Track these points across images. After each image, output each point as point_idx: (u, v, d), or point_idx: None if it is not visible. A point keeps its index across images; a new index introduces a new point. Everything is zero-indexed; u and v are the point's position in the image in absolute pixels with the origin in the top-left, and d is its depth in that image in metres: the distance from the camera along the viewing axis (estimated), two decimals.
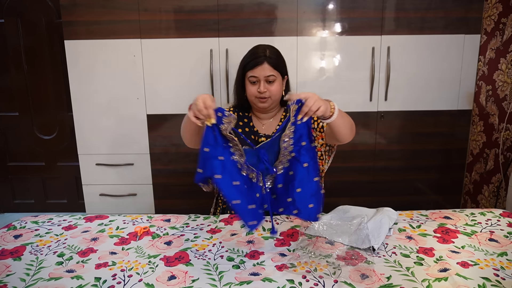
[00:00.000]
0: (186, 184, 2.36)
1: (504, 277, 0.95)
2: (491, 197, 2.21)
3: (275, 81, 1.37)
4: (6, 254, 1.11)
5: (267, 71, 1.34)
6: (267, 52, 1.36)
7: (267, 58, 1.34)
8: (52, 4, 2.59)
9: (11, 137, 2.87)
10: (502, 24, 2.07)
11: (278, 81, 1.38)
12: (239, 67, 1.42)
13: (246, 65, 1.37)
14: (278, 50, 1.42)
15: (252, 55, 1.37)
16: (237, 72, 1.45)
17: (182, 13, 2.14)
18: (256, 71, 1.35)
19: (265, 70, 1.34)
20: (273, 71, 1.36)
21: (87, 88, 2.24)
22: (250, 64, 1.35)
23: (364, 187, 2.38)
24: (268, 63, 1.34)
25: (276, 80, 1.37)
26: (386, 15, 2.15)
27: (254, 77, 1.36)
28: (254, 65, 1.34)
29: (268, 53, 1.36)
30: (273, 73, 1.35)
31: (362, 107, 2.26)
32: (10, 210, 3.00)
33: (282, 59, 1.42)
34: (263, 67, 1.34)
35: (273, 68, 1.35)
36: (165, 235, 1.24)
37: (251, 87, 1.38)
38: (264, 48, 1.38)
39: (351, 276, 0.96)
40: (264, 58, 1.34)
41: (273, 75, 1.36)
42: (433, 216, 1.35)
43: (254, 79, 1.36)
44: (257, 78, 1.36)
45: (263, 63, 1.34)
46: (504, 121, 2.07)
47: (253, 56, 1.36)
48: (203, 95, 1.04)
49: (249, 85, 1.39)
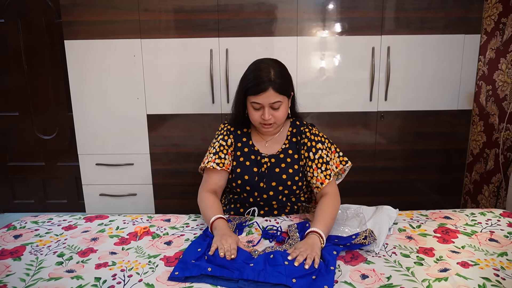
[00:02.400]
0: (186, 184, 2.36)
1: (504, 277, 0.95)
2: (491, 197, 2.21)
3: (280, 106, 1.24)
4: (6, 254, 1.11)
5: (272, 98, 1.21)
6: (272, 75, 1.21)
7: (272, 83, 1.20)
8: (52, 4, 2.59)
9: (11, 137, 2.87)
10: (502, 24, 2.07)
11: (284, 105, 1.26)
12: (240, 87, 1.29)
13: (248, 89, 1.23)
14: (283, 67, 1.28)
15: (256, 79, 1.21)
16: (237, 91, 1.31)
17: (182, 13, 2.14)
18: (260, 98, 1.21)
19: (270, 98, 1.21)
20: (279, 97, 1.22)
21: (87, 88, 2.24)
22: (253, 89, 1.21)
23: (364, 187, 2.38)
24: (274, 89, 1.20)
25: (282, 105, 1.24)
26: (386, 15, 2.15)
27: (257, 104, 1.23)
28: (258, 92, 1.20)
29: (272, 76, 1.21)
30: (278, 99, 1.22)
31: (362, 107, 2.26)
32: (10, 210, 3.00)
33: (288, 79, 1.28)
34: (268, 94, 1.20)
35: (278, 93, 1.22)
36: (165, 235, 1.24)
37: (254, 113, 1.26)
38: (268, 70, 1.22)
39: (351, 276, 0.96)
40: (269, 83, 1.20)
41: (279, 101, 1.23)
42: (433, 216, 1.35)
43: (257, 106, 1.24)
44: (261, 105, 1.23)
45: (267, 89, 1.20)
46: (504, 121, 2.07)
47: (256, 81, 1.21)
48: (228, 240, 1.04)
49: (252, 110, 1.26)
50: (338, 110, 2.27)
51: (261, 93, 1.21)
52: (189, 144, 2.32)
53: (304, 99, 2.14)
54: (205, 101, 2.25)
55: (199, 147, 2.30)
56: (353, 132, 2.30)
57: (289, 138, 1.37)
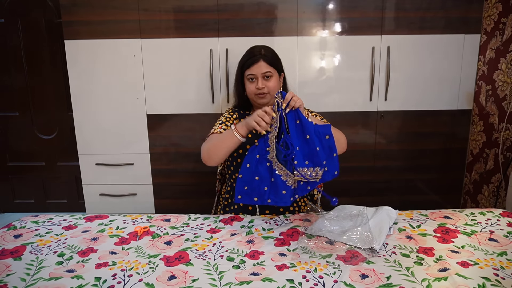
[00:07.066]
0: (186, 184, 2.36)
1: (504, 276, 0.95)
2: (491, 197, 2.21)
3: (271, 77, 1.47)
4: (6, 254, 1.11)
5: (263, 68, 1.45)
6: (262, 51, 1.47)
7: (262, 56, 1.45)
8: (52, 4, 2.60)
9: (11, 137, 2.87)
10: (502, 24, 2.07)
11: (275, 77, 1.48)
12: (238, 67, 1.53)
13: (243, 64, 1.48)
14: (272, 49, 1.52)
15: (249, 55, 1.48)
16: (236, 72, 1.55)
17: (182, 13, 2.14)
18: (253, 69, 1.45)
19: (262, 67, 1.45)
20: (269, 68, 1.46)
21: (87, 88, 2.24)
22: (248, 62, 1.46)
23: (364, 187, 2.38)
24: (264, 61, 1.45)
25: (273, 76, 1.47)
26: (386, 15, 2.15)
27: (252, 75, 1.46)
28: (251, 64, 1.45)
29: (263, 51, 1.47)
30: (269, 69, 1.45)
31: (362, 107, 2.26)
32: (10, 210, 3.00)
33: (277, 56, 1.52)
34: (260, 64, 1.45)
35: (269, 65, 1.46)
36: (165, 235, 1.24)
37: (250, 85, 1.48)
38: (260, 48, 1.49)
39: (351, 276, 0.97)
40: (260, 56, 1.45)
41: (269, 72, 1.46)
42: (433, 216, 1.35)
43: (252, 76, 1.46)
44: (254, 75, 1.46)
45: (259, 61, 1.45)
46: (504, 121, 2.07)
47: (249, 55, 1.47)
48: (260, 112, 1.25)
49: (248, 83, 1.49)
50: (338, 110, 2.27)
51: (254, 64, 1.45)
52: (189, 144, 2.32)
53: (304, 98, 2.10)
54: (205, 101, 2.25)
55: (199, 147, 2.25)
56: (353, 132, 2.30)
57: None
